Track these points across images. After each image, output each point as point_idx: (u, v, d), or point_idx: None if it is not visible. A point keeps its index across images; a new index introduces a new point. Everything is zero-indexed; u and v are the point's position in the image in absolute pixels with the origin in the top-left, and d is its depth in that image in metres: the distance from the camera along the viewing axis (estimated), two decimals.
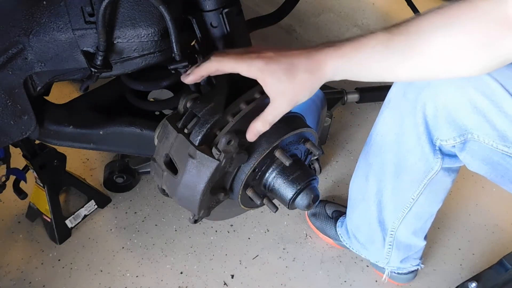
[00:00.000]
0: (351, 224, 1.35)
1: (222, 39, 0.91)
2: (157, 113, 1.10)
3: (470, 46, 0.71)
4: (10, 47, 0.78)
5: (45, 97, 1.04)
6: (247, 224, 1.55)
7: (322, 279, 1.43)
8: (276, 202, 0.90)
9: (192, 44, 0.95)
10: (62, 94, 1.80)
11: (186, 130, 0.79)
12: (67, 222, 1.47)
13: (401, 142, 1.04)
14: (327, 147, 1.78)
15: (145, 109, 1.09)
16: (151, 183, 1.63)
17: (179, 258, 1.46)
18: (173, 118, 0.82)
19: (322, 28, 2.37)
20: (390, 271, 1.37)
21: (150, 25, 0.81)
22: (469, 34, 0.70)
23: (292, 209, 0.88)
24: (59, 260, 1.43)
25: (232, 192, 0.86)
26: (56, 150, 1.35)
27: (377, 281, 1.42)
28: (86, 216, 1.52)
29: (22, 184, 1.40)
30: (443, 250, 1.52)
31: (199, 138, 0.77)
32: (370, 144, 1.13)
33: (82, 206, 1.51)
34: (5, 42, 0.77)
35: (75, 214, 1.49)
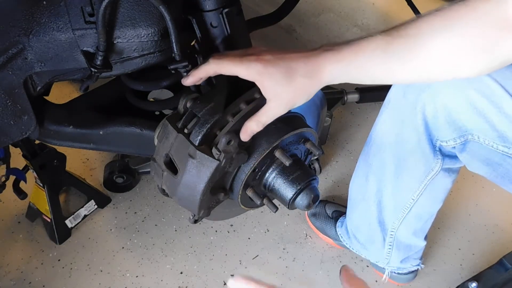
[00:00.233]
0: (351, 224, 1.35)
1: (222, 39, 0.91)
2: (157, 113, 1.10)
3: (470, 48, 0.71)
4: (10, 47, 0.78)
5: (45, 97, 1.04)
6: (247, 224, 1.55)
7: (322, 279, 1.43)
8: (276, 202, 0.90)
9: (192, 44, 0.95)
10: (62, 94, 1.80)
11: (186, 130, 0.79)
12: (67, 222, 1.47)
13: (401, 143, 1.04)
14: (327, 147, 1.78)
15: (145, 109, 1.09)
16: (151, 183, 1.63)
17: (179, 258, 1.46)
18: (173, 118, 0.81)
19: (322, 28, 2.37)
20: (390, 271, 1.37)
21: (150, 25, 0.81)
22: (469, 36, 0.70)
23: (292, 209, 0.88)
24: (59, 260, 1.43)
25: (232, 192, 0.86)
26: (56, 150, 1.35)
27: (377, 281, 1.42)
28: (86, 216, 1.52)
29: (22, 184, 1.40)
30: (443, 250, 1.52)
31: (199, 138, 0.77)
32: (370, 144, 1.13)
33: (82, 206, 1.51)
34: (5, 42, 0.77)
35: (75, 214, 1.49)
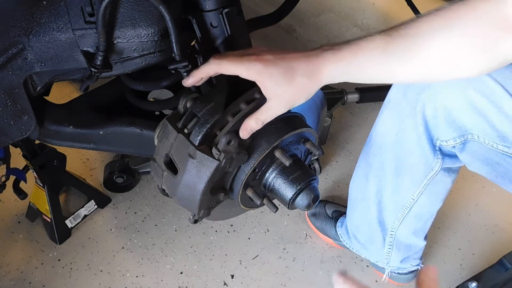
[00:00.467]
0: (351, 224, 1.35)
1: (222, 39, 0.91)
2: (157, 113, 1.10)
3: (470, 48, 0.71)
4: (10, 47, 0.78)
5: (45, 97, 1.04)
6: (247, 224, 1.55)
7: (322, 279, 1.43)
8: (276, 202, 0.90)
9: (192, 44, 0.95)
10: (62, 94, 1.80)
11: (186, 130, 0.79)
12: (67, 222, 1.47)
13: (401, 143, 1.04)
14: (327, 147, 1.78)
15: (145, 109, 1.09)
16: (151, 183, 1.63)
17: (179, 258, 1.46)
18: (173, 118, 0.82)
19: (322, 28, 2.37)
20: (390, 271, 1.37)
21: (150, 25, 0.81)
22: (468, 36, 0.70)
23: (292, 209, 0.88)
24: (59, 260, 1.43)
25: (232, 192, 0.86)
26: (56, 150, 1.35)
27: (377, 281, 1.42)
28: (86, 216, 1.52)
29: (22, 184, 1.40)
30: (443, 250, 1.52)
31: (199, 138, 0.77)
32: (370, 144, 1.13)
33: (82, 206, 1.51)
34: (5, 42, 0.77)
35: (75, 214, 1.49)
